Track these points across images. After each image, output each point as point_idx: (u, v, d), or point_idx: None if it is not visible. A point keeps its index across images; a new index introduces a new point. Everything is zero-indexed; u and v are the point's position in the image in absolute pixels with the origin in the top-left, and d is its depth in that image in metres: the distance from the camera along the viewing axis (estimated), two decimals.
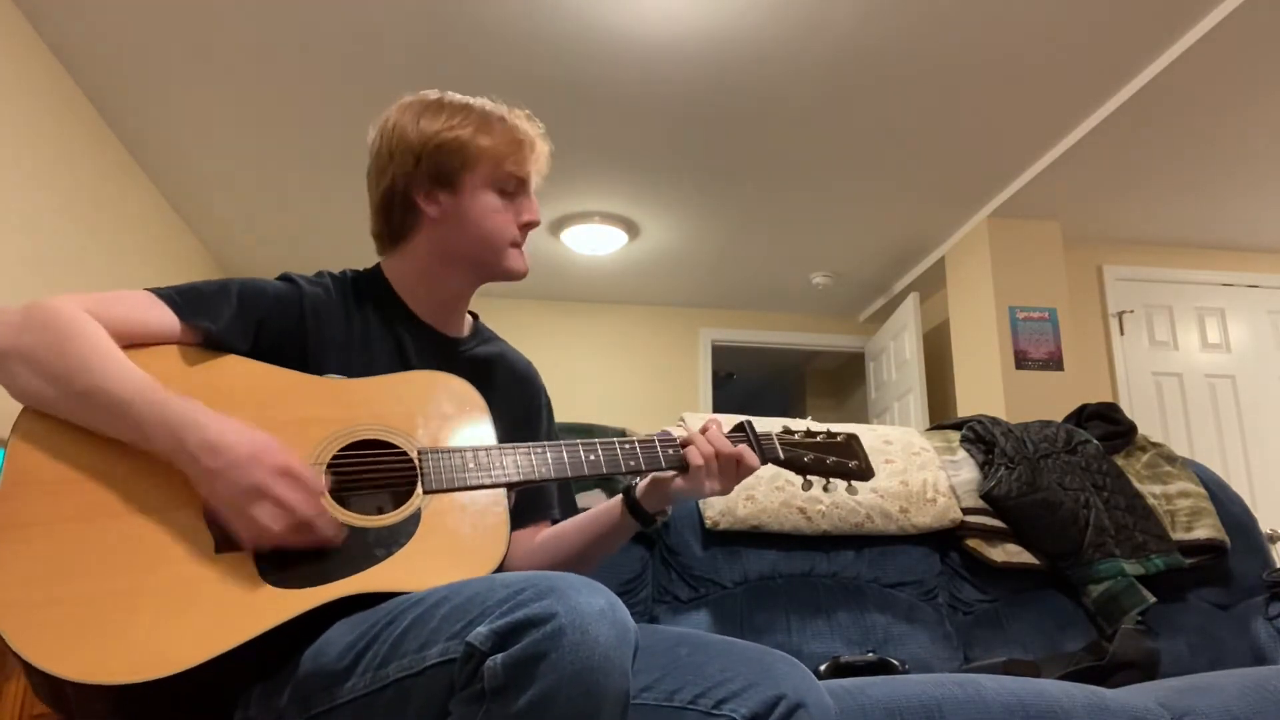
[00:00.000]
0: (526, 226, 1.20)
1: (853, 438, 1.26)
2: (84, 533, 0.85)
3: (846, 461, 1.22)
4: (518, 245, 1.20)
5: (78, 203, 3.19)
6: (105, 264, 3.40)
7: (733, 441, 1.15)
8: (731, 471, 1.11)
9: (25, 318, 0.93)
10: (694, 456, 1.09)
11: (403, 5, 2.74)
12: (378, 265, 1.23)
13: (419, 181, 1.15)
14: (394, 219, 1.18)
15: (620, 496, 1.16)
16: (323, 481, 0.90)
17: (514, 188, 1.18)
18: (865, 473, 1.23)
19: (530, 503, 1.20)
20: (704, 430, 1.12)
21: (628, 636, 0.75)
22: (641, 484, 1.15)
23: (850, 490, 1.23)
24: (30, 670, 0.79)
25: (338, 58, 3.01)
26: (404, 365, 1.14)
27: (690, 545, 1.80)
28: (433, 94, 1.21)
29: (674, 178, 3.93)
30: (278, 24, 2.83)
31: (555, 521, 1.24)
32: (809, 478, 1.20)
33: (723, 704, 0.85)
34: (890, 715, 1.15)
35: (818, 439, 1.23)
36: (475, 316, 1.31)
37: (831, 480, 1.21)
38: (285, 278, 1.15)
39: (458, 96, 1.20)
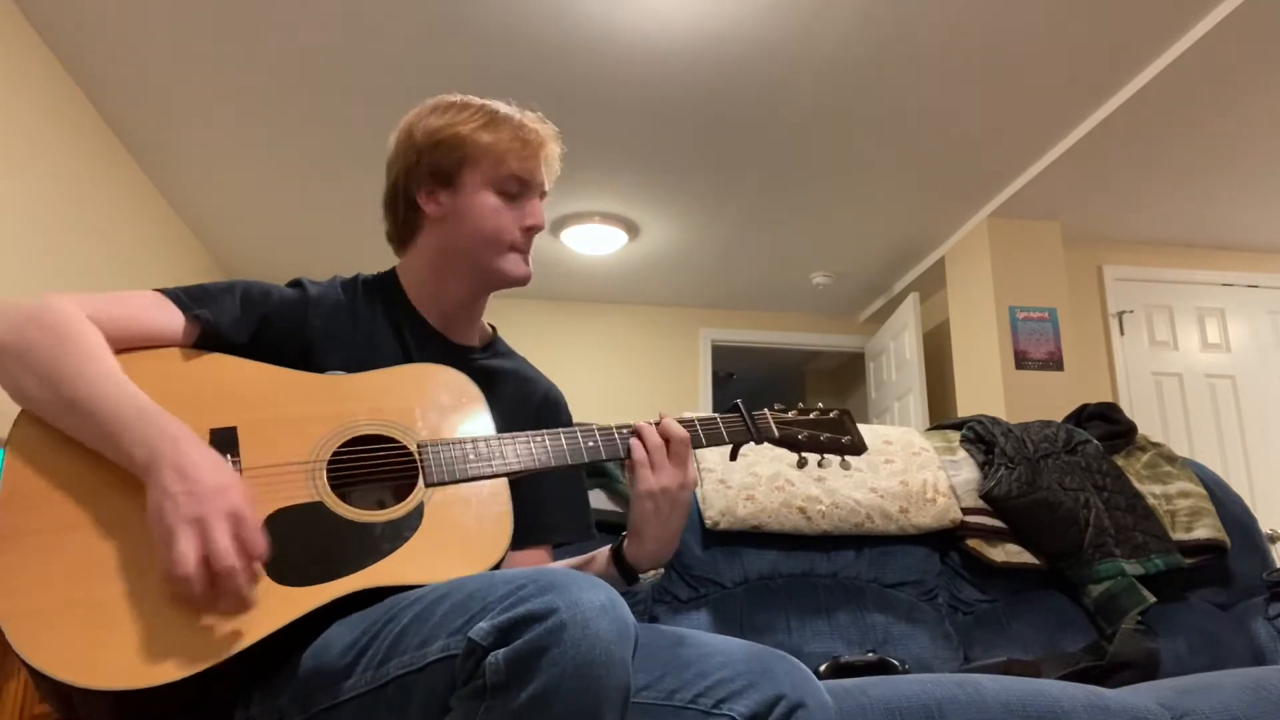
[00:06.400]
0: (529, 231, 1.17)
1: (845, 413, 1.26)
2: (87, 539, 0.85)
3: (839, 437, 1.22)
4: (518, 250, 1.17)
5: (77, 203, 3.19)
6: (104, 264, 3.40)
7: (726, 422, 1.14)
8: (679, 456, 1.06)
9: (28, 316, 0.93)
10: (636, 451, 1.05)
11: (402, 5, 2.75)
12: (393, 269, 1.23)
13: (419, 179, 1.15)
14: (399, 217, 1.18)
15: (608, 549, 1.11)
16: (263, 546, 0.84)
17: (516, 189, 1.15)
18: (858, 447, 1.22)
19: (534, 521, 1.15)
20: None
21: (628, 632, 0.75)
22: (629, 542, 1.09)
23: (844, 465, 1.23)
24: (37, 676, 0.79)
25: (338, 58, 3.01)
26: None
27: (690, 545, 1.80)
28: (453, 96, 1.19)
29: (674, 178, 3.93)
30: (277, 24, 2.83)
31: (557, 546, 1.21)
32: (804, 455, 1.20)
33: (722, 703, 0.85)
34: (890, 715, 1.15)
35: (810, 416, 1.23)
36: (493, 329, 1.30)
37: (826, 456, 1.21)
38: (294, 283, 1.16)
39: (474, 99, 1.19)
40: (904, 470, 1.94)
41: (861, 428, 1.97)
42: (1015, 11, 2.76)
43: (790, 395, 7.09)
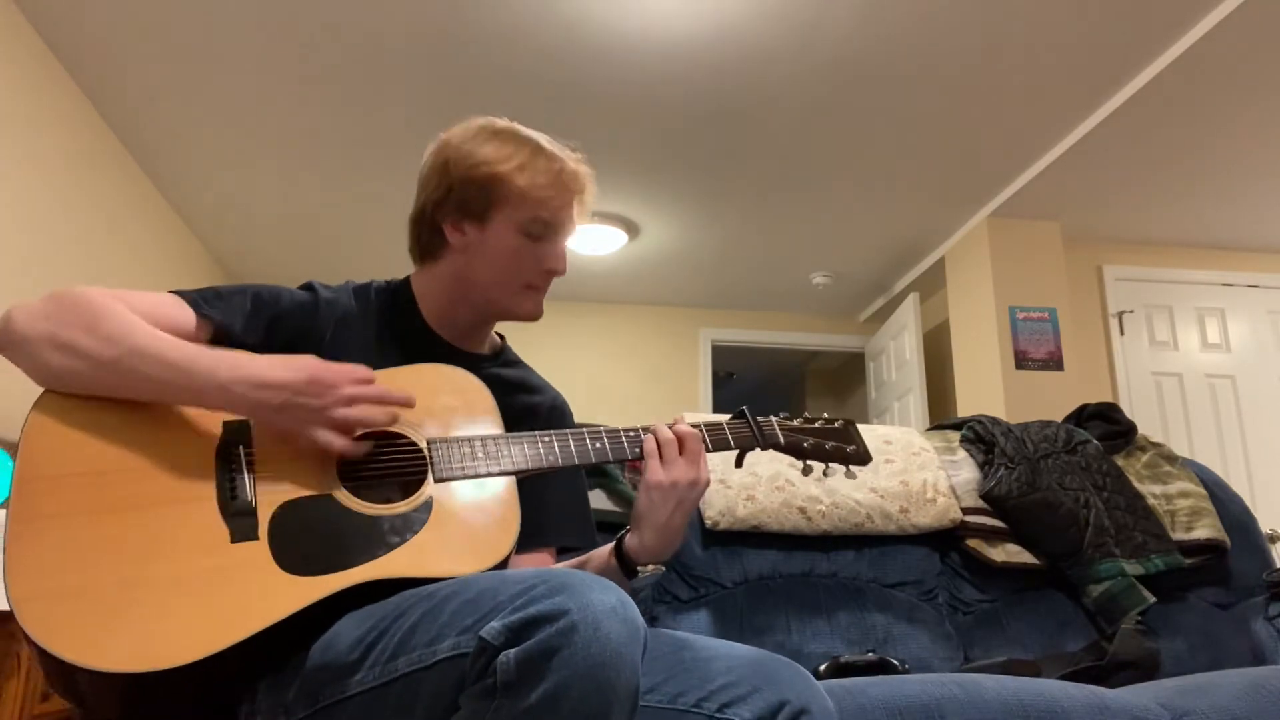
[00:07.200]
0: (549, 274, 1.18)
1: (849, 423, 1.27)
2: (100, 524, 0.86)
3: (844, 446, 1.23)
4: (535, 289, 1.18)
5: (77, 203, 3.19)
6: (104, 265, 3.40)
7: (733, 428, 1.15)
8: (692, 453, 1.08)
9: (54, 305, 0.94)
10: (648, 443, 1.08)
11: (403, 6, 2.75)
12: (407, 278, 1.24)
13: (447, 210, 1.15)
14: (422, 238, 1.20)
15: (610, 544, 1.12)
16: (362, 369, 0.98)
17: (543, 231, 1.15)
18: (863, 457, 1.23)
19: (538, 524, 1.13)
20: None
21: (638, 634, 0.76)
22: (631, 534, 1.10)
23: (849, 475, 1.23)
24: (46, 658, 0.80)
25: (337, 58, 3.01)
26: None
27: (690, 545, 1.81)
28: (500, 122, 1.19)
29: (674, 178, 3.93)
30: (277, 24, 2.83)
31: (562, 552, 1.22)
32: (808, 463, 1.20)
33: (726, 708, 0.85)
34: (890, 715, 1.15)
35: (816, 425, 1.24)
36: (502, 338, 1.31)
37: (831, 465, 1.21)
38: (306, 286, 1.17)
39: (521, 130, 1.18)
40: (904, 470, 1.94)
41: (861, 428, 1.97)
42: (1015, 11, 2.76)
43: (790, 395, 7.09)
